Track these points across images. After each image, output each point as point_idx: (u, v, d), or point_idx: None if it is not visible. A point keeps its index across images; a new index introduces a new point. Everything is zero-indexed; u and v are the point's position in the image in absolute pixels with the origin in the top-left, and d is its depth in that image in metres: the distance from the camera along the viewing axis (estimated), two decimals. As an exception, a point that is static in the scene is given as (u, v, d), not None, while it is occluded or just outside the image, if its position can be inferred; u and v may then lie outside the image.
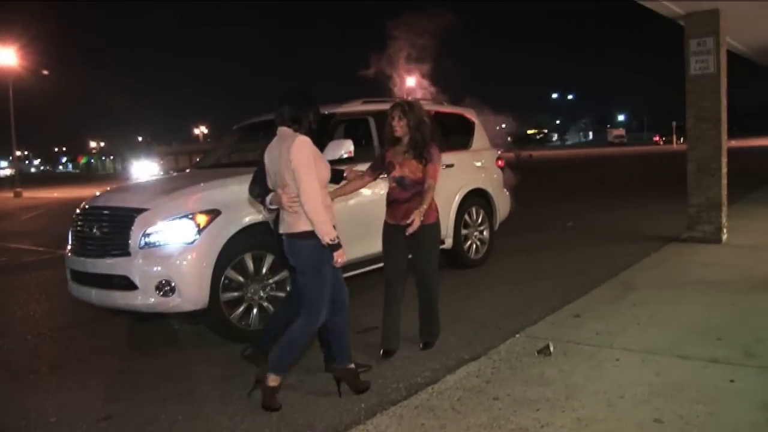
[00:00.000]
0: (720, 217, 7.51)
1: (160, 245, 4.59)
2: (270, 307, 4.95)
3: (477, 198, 7.30)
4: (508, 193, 8.00)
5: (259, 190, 3.77)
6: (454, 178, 6.92)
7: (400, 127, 4.24)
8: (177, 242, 4.57)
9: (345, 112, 6.10)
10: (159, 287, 4.53)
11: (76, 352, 5.05)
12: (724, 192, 7.58)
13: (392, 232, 4.33)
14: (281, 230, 3.58)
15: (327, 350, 3.93)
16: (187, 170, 6.66)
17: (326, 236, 3.38)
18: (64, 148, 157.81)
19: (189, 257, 4.54)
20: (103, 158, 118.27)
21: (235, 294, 4.82)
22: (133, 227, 4.65)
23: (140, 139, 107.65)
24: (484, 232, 7.43)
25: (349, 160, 5.07)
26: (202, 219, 4.63)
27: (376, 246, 4.69)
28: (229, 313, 4.78)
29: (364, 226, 5.35)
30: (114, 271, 4.71)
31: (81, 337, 5.46)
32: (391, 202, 4.37)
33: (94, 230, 4.97)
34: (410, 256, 4.43)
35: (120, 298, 4.73)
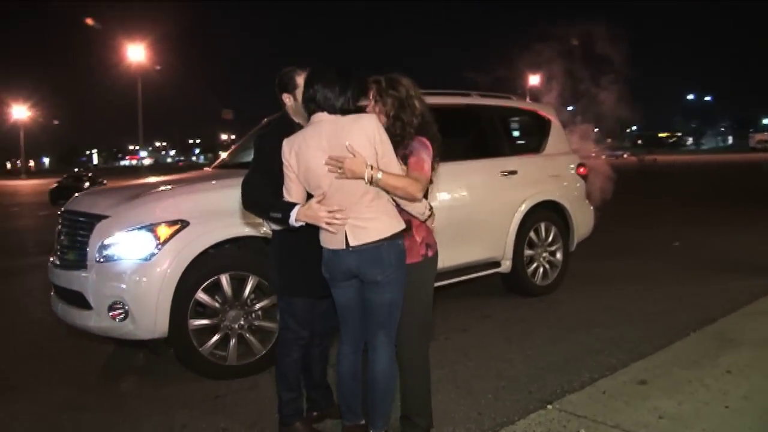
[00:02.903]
0: None
1: (116, 260, 3.85)
2: (252, 338, 4.08)
3: (548, 212, 6.08)
4: (591, 206, 6.70)
5: (272, 201, 2.79)
6: (516, 187, 5.78)
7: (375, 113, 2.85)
8: (132, 258, 3.80)
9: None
10: (112, 309, 3.80)
11: (40, 372, 4.45)
12: None
13: None
14: (353, 242, 2.63)
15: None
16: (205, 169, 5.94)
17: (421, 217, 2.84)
18: (198, 140, 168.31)
19: (144, 276, 3.76)
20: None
21: (208, 321, 4.00)
22: (91, 237, 3.95)
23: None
24: (557, 254, 6.18)
25: None
26: (164, 231, 3.83)
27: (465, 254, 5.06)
28: (200, 343, 3.96)
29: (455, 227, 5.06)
30: (71, 285, 4.05)
31: (64, 351, 4.87)
32: None
33: (62, 237, 4.35)
34: None
35: (77, 317, 4.06)
